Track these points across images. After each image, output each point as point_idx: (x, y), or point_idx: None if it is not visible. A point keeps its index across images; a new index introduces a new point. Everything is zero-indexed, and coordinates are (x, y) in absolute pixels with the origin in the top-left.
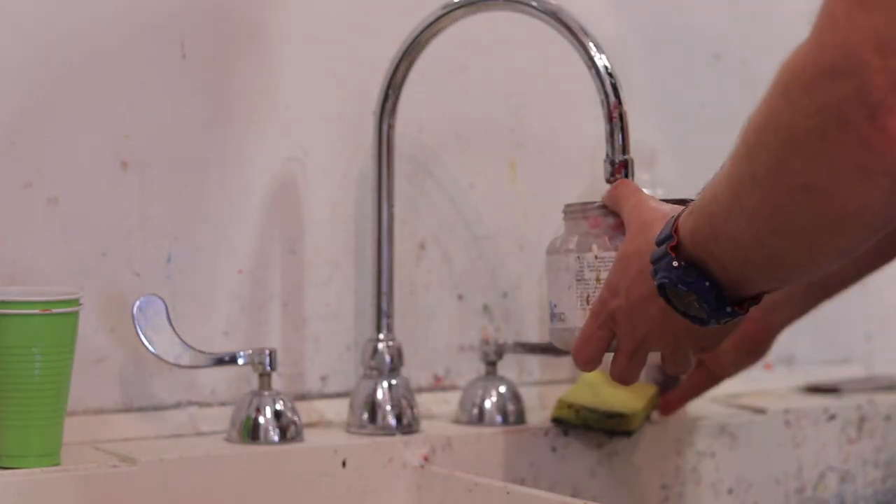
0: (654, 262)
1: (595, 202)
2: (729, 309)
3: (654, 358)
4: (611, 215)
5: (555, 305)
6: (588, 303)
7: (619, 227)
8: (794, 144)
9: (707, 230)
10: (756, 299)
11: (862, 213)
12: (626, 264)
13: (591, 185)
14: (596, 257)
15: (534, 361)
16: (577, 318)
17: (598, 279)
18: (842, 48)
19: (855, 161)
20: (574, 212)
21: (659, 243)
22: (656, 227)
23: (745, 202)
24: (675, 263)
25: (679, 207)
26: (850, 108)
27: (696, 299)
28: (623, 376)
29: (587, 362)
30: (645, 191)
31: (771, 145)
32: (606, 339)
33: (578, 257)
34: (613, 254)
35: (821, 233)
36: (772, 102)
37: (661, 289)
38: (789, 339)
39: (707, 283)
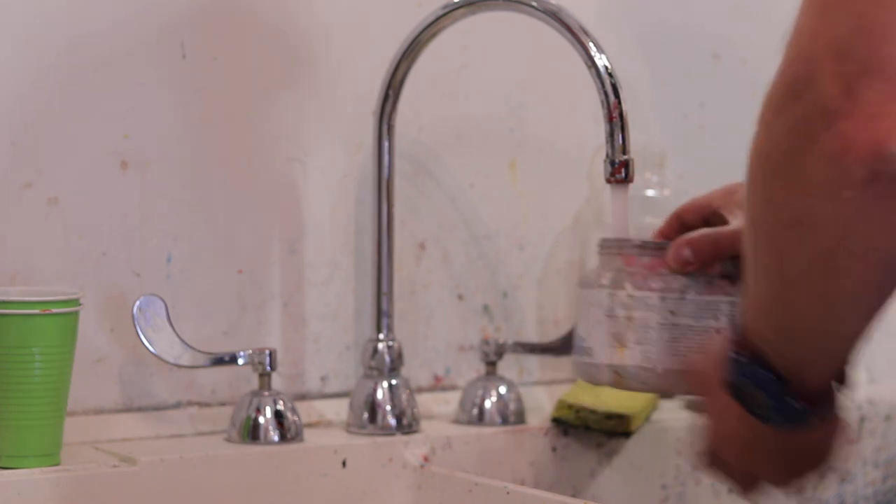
0: (724, 362)
1: (632, 239)
2: (797, 405)
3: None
4: (647, 255)
5: (583, 339)
6: (616, 340)
7: (655, 267)
8: (772, 173)
9: (751, 308)
10: (827, 396)
11: (846, 242)
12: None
13: (591, 186)
14: (629, 296)
15: (534, 361)
16: (605, 354)
17: (629, 318)
18: (804, 60)
19: (821, 178)
20: (609, 247)
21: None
22: None
23: (757, 256)
24: (733, 356)
25: None
26: (814, 120)
27: (761, 394)
28: (746, 494)
29: None
30: (651, 192)
31: (757, 181)
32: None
33: (611, 294)
34: (647, 293)
35: (821, 275)
36: (755, 134)
37: (730, 388)
38: None
39: (765, 372)
